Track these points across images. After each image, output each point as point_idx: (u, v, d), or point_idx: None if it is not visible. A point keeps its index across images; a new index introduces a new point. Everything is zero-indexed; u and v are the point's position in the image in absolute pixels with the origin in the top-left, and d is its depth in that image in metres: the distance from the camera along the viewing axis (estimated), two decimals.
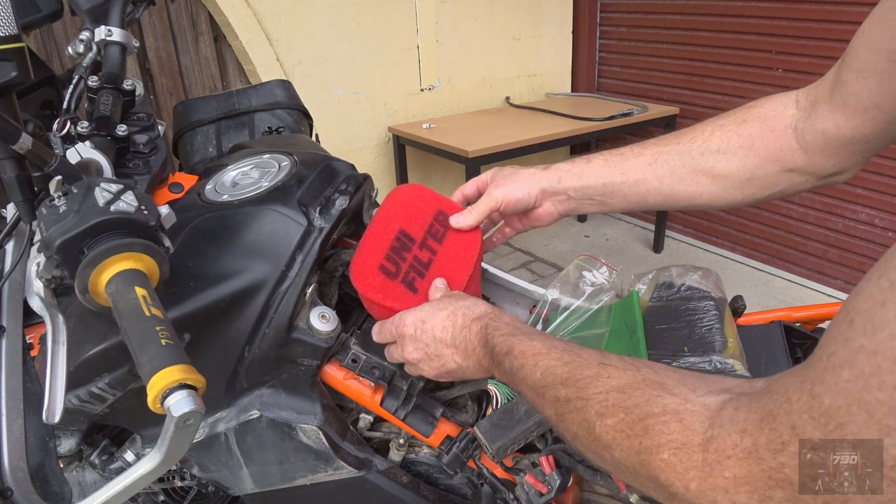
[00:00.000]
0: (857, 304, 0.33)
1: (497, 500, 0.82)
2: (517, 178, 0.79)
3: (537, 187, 0.78)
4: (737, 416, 0.38)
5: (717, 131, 0.71)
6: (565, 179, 0.77)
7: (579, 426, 0.48)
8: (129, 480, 0.50)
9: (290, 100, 1.07)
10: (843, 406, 0.31)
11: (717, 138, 0.71)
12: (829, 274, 2.94)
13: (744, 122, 0.70)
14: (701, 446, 0.39)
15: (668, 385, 0.44)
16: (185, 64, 2.60)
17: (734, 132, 0.70)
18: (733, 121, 0.71)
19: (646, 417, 0.43)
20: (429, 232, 0.77)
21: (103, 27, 0.79)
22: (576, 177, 0.77)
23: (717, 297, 0.85)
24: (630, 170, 0.75)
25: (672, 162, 0.73)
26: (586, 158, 0.77)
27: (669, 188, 0.73)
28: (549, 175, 0.78)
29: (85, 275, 0.51)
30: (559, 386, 0.51)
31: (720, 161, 0.71)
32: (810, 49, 2.67)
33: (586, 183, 0.76)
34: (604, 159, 0.77)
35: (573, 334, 0.86)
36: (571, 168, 0.77)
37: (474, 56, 3.27)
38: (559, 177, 0.77)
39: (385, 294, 0.70)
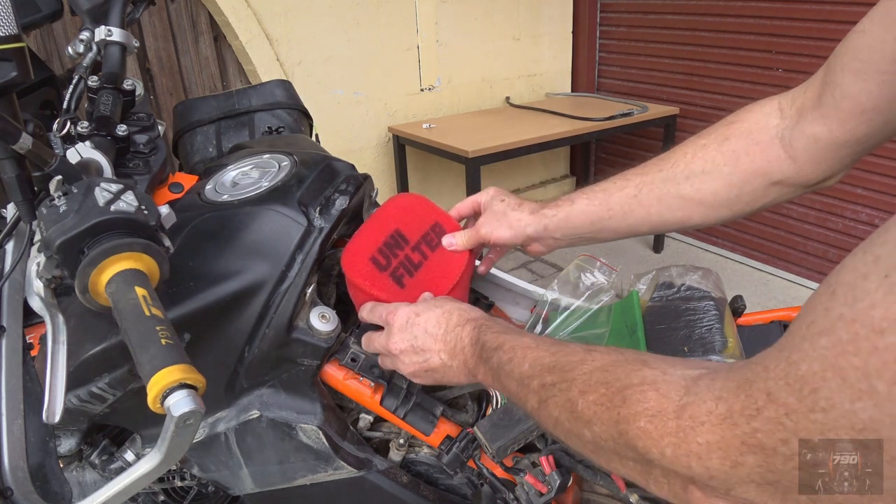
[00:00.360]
0: (840, 277, 0.33)
1: (497, 500, 0.82)
2: (504, 222, 0.79)
3: (524, 233, 0.78)
4: (713, 384, 0.39)
5: (698, 153, 0.70)
6: (551, 226, 0.77)
7: (562, 408, 0.49)
8: (129, 480, 0.50)
9: (290, 100, 1.07)
10: (818, 372, 0.32)
11: (700, 160, 0.70)
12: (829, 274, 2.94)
13: (726, 139, 0.69)
14: (675, 413, 0.39)
15: (648, 361, 0.46)
16: (185, 64, 2.60)
17: (717, 151, 0.69)
18: (714, 139, 0.70)
19: (624, 389, 0.44)
20: (423, 238, 0.79)
21: (103, 27, 0.79)
22: (561, 221, 0.76)
23: (717, 297, 0.85)
24: (616, 204, 0.74)
25: (657, 190, 0.72)
26: (570, 199, 0.77)
27: (658, 217, 0.73)
28: (535, 222, 0.77)
29: (85, 275, 0.51)
30: (545, 373, 0.52)
31: (706, 182, 0.70)
32: (810, 49, 2.67)
33: (572, 225, 0.76)
34: (587, 199, 0.76)
35: (573, 334, 0.86)
36: (556, 213, 0.77)
37: (474, 56, 3.27)
38: (545, 224, 0.77)
39: (372, 282, 0.72)
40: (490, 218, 0.80)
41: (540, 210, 0.78)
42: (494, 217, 0.80)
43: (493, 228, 0.79)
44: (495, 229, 0.79)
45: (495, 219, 0.79)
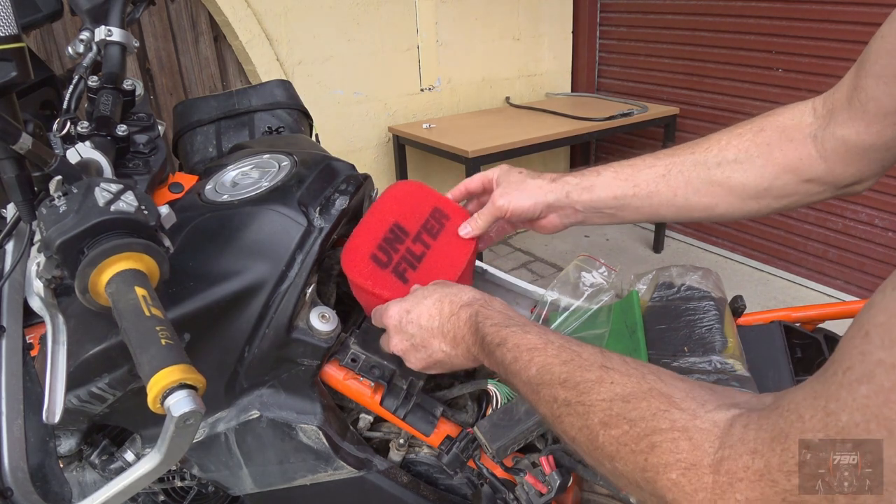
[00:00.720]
0: (871, 316, 0.32)
1: (497, 500, 0.81)
2: (524, 189, 0.76)
3: (544, 201, 0.76)
4: (746, 434, 0.37)
5: (733, 140, 0.70)
6: (573, 194, 0.75)
7: (579, 431, 0.47)
8: (129, 480, 0.50)
9: (290, 100, 1.07)
10: (861, 423, 0.30)
11: (734, 148, 0.69)
12: (829, 274, 2.94)
13: (761, 130, 0.68)
14: (711, 467, 0.37)
15: (675, 398, 0.43)
16: (185, 64, 2.60)
17: (751, 141, 0.68)
18: (750, 130, 0.69)
19: (653, 433, 0.41)
20: (424, 227, 0.78)
21: (103, 27, 0.79)
22: (585, 191, 0.74)
23: (717, 297, 0.85)
24: (642, 182, 0.72)
25: (686, 172, 0.71)
26: (596, 171, 0.75)
27: (684, 200, 0.71)
28: (556, 188, 0.75)
29: (85, 275, 0.51)
30: (557, 386, 0.50)
31: (737, 171, 0.69)
32: (810, 49, 2.67)
33: (596, 196, 0.74)
34: (614, 171, 0.74)
35: (573, 334, 0.86)
36: (580, 181, 0.75)
37: (474, 56, 3.27)
38: (567, 191, 0.75)
39: (374, 281, 0.71)
40: (507, 188, 0.77)
41: (562, 177, 0.76)
42: (512, 187, 0.77)
43: (511, 199, 0.76)
44: (514, 199, 0.76)
45: (514, 188, 0.76)
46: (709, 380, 0.71)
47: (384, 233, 0.75)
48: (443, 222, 0.79)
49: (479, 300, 0.64)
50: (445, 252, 0.77)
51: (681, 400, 0.42)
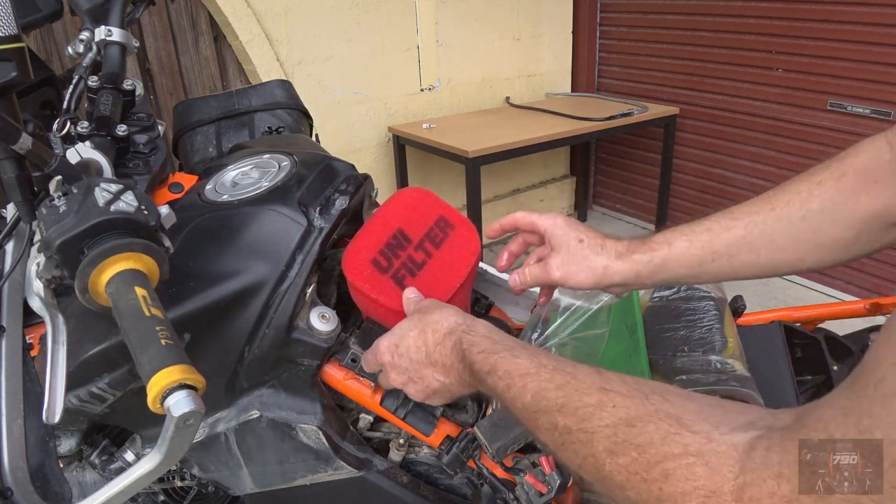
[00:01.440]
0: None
1: (497, 500, 0.81)
2: (586, 267, 0.69)
3: (608, 281, 0.69)
4: (770, 457, 0.34)
5: (815, 189, 0.64)
6: (643, 273, 0.68)
7: (584, 460, 0.44)
8: (129, 480, 0.51)
9: (290, 100, 1.07)
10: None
11: (817, 198, 0.63)
12: (829, 274, 2.94)
13: (843, 175, 0.63)
14: (733, 494, 0.35)
15: (685, 420, 0.40)
16: (185, 64, 2.60)
17: (834, 188, 0.63)
18: (830, 176, 0.64)
19: (664, 459, 0.39)
20: (427, 235, 0.77)
21: (103, 27, 0.79)
22: (657, 268, 0.68)
23: (717, 297, 0.85)
24: (721, 248, 0.66)
25: (770, 232, 0.65)
26: (665, 241, 0.68)
27: (767, 260, 0.66)
28: (624, 269, 0.68)
29: (85, 275, 0.51)
30: (555, 413, 0.47)
31: (824, 223, 0.63)
32: (810, 49, 2.67)
33: (669, 271, 0.68)
34: (687, 240, 0.67)
35: (573, 335, 0.86)
36: (651, 258, 0.68)
37: (474, 56, 3.27)
38: (636, 271, 0.68)
39: (372, 286, 0.71)
40: (566, 259, 0.70)
41: (629, 255, 0.68)
42: (572, 260, 0.70)
43: (570, 273, 0.70)
44: (574, 274, 0.70)
45: (574, 262, 0.70)
46: (709, 380, 0.71)
47: (387, 238, 0.75)
48: (447, 232, 0.79)
49: (461, 326, 0.61)
50: (447, 262, 0.76)
51: (692, 422, 0.40)
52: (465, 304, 0.82)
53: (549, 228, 0.73)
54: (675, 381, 0.72)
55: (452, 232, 0.79)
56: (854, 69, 2.54)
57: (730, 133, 3.10)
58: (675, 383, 0.72)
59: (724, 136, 3.13)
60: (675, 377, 0.73)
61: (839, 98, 2.62)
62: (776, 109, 2.86)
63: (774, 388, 0.76)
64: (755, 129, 2.98)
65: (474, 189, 2.65)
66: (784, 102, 2.83)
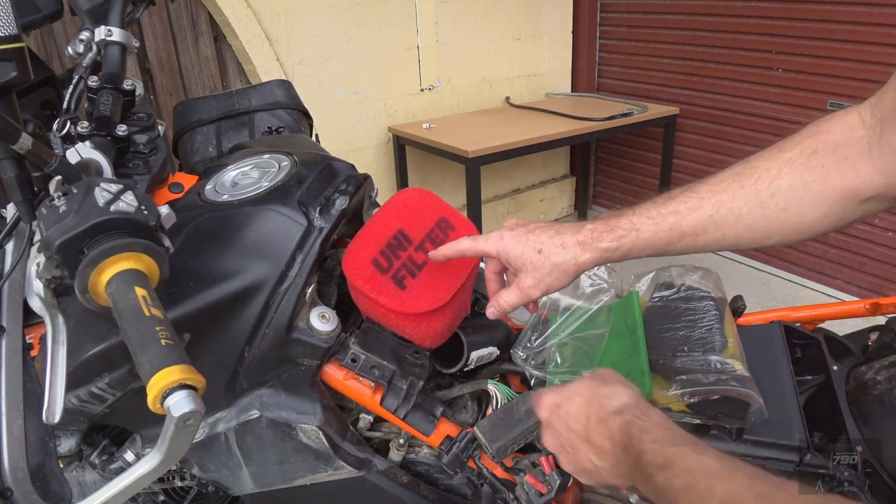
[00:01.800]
0: None
1: (497, 500, 0.81)
2: (556, 272, 0.67)
3: (580, 272, 0.68)
4: None
5: (784, 167, 0.62)
6: (613, 258, 0.67)
7: None
8: (129, 480, 0.51)
9: (290, 100, 1.07)
10: None
11: (787, 175, 0.62)
12: (829, 274, 2.94)
13: (813, 152, 0.61)
14: None
15: None
16: (185, 64, 2.60)
17: (804, 166, 0.61)
18: (801, 153, 0.62)
19: None
20: (428, 236, 0.77)
21: (103, 27, 0.79)
22: (624, 254, 0.67)
23: (717, 297, 0.85)
24: (688, 228, 0.65)
25: (737, 209, 0.63)
26: (634, 226, 0.66)
27: (734, 237, 0.65)
28: (594, 258, 0.66)
29: (85, 275, 0.51)
30: None
31: (792, 201, 0.62)
32: (810, 49, 2.67)
33: (638, 254, 0.67)
34: (654, 224, 0.66)
35: (573, 335, 0.86)
36: (619, 245, 0.66)
37: (474, 56, 3.27)
38: (605, 257, 0.67)
39: (372, 286, 0.71)
40: (536, 275, 0.67)
41: (595, 244, 0.66)
42: (541, 272, 0.67)
43: (546, 284, 0.67)
44: (551, 284, 0.67)
45: (544, 273, 0.67)
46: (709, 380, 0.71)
47: (388, 238, 0.75)
48: (448, 233, 0.79)
49: (633, 407, 0.56)
50: (447, 264, 0.76)
51: None
52: (465, 304, 0.82)
53: (502, 252, 0.69)
54: (675, 380, 0.72)
55: (453, 233, 0.79)
56: (854, 69, 2.54)
57: (730, 133, 3.10)
58: (674, 383, 0.72)
59: (724, 136, 3.13)
60: (675, 377, 0.73)
61: (839, 98, 2.62)
62: (776, 109, 2.86)
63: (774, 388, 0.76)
64: (755, 129, 2.98)
65: (474, 189, 2.65)
66: (784, 102, 2.82)
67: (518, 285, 0.69)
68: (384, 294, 0.71)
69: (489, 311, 0.72)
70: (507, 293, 0.70)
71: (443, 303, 0.73)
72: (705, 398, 0.70)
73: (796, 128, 0.65)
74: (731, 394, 0.69)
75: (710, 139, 3.20)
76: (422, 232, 0.77)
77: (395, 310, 0.72)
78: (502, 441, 0.74)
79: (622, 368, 0.78)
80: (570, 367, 0.81)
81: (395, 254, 0.74)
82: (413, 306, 0.72)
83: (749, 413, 0.70)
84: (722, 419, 0.71)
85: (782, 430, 0.72)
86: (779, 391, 0.76)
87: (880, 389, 0.73)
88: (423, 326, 0.76)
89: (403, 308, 0.72)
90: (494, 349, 0.85)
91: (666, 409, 0.72)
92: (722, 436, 0.74)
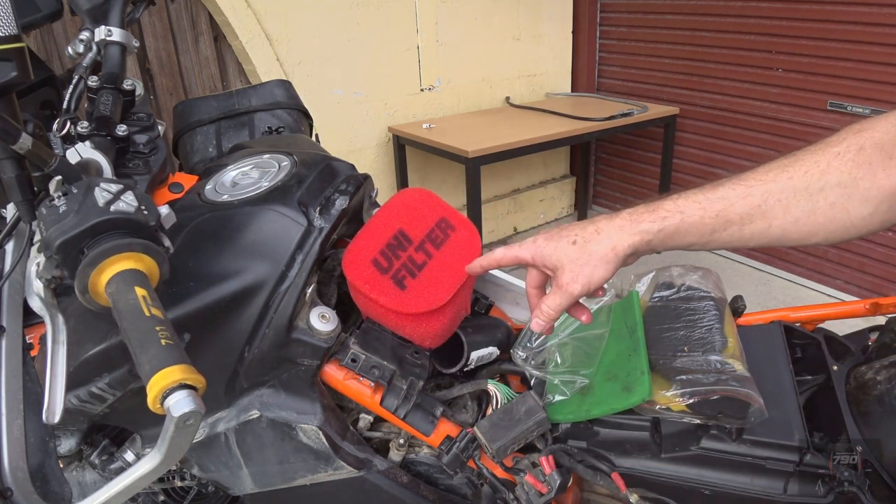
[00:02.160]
0: None
1: (497, 500, 0.82)
2: (595, 261, 0.65)
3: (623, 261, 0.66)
4: None
5: (833, 161, 0.62)
6: (655, 242, 0.65)
7: None
8: (129, 480, 0.50)
9: (290, 100, 1.07)
10: None
11: (836, 170, 0.61)
12: (829, 274, 2.94)
13: (861, 150, 0.61)
14: None
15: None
16: (185, 64, 2.60)
17: (853, 162, 0.61)
18: (848, 148, 0.62)
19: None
20: (428, 236, 0.77)
21: (103, 27, 0.79)
22: (668, 237, 0.65)
23: (717, 297, 0.85)
24: (735, 216, 0.64)
25: (786, 201, 0.63)
26: (679, 209, 0.65)
27: (780, 230, 0.64)
28: (634, 241, 0.65)
29: (85, 275, 0.51)
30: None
31: (841, 196, 0.61)
32: (810, 49, 2.67)
33: (681, 239, 0.65)
34: (702, 209, 0.64)
35: (573, 335, 0.86)
36: (663, 227, 0.64)
37: (474, 56, 3.27)
38: (648, 241, 0.65)
39: (372, 286, 0.71)
40: (574, 268, 0.65)
41: (635, 225, 0.65)
42: (579, 264, 0.65)
43: (587, 277, 0.65)
44: (591, 275, 0.65)
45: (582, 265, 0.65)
46: (709, 380, 0.71)
47: (388, 238, 0.75)
48: (448, 233, 0.79)
49: None
50: (447, 263, 0.76)
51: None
52: (465, 304, 0.82)
53: (537, 254, 0.68)
54: (675, 381, 0.72)
55: (453, 233, 0.79)
56: (854, 69, 2.54)
57: (730, 133, 3.10)
58: (674, 383, 0.72)
59: (724, 136, 3.13)
60: (675, 377, 0.73)
61: (839, 98, 2.62)
62: (776, 109, 2.86)
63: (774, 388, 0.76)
64: (755, 129, 2.98)
65: (474, 189, 2.65)
66: (784, 102, 2.82)
67: (556, 284, 0.66)
68: (384, 294, 0.72)
69: (534, 325, 0.69)
70: (547, 298, 0.67)
71: (443, 303, 0.73)
72: (705, 398, 0.70)
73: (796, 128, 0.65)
74: (731, 394, 0.69)
75: (710, 139, 3.20)
76: (422, 232, 0.78)
77: (395, 310, 0.72)
78: (502, 441, 0.74)
79: (622, 368, 0.78)
80: (570, 367, 0.81)
81: (395, 254, 0.74)
82: (413, 306, 0.72)
83: (749, 413, 0.70)
84: (722, 419, 0.71)
85: (782, 430, 0.72)
86: (779, 391, 0.76)
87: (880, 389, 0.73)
88: (423, 326, 0.76)
89: (403, 308, 0.72)
90: (494, 349, 0.85)
91: (666, 409, 0.72)
92: (722, 436, 0.74)
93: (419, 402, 0.78)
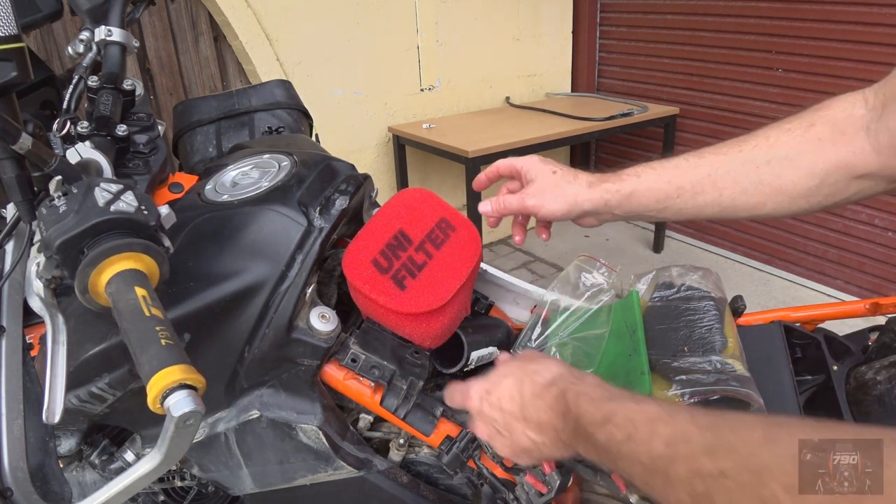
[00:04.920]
0: None
1: (497, 500, 0.81)
2: (559, 195, 0.72)
3: (579, 209, 0.73)
4: None
5: (782, 136, 0.66)
6: (612, 201, 0.71)
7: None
8: (129, 480, 0.51)
9: (290, 100, 1.07)
10: None
11: (784, 144, 0.66)
12: (828, 274, 2.94)
13: (812, 125, 0.65)
14: None
15: None
16: (185, 64, 2.60)
17: (801, 137, 0.65)
18: (799, 125, 0.66)
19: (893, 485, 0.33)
20: (428, 236, 0.77)
21: (103, 27, 0.79)
22: (624, 198, 0.71)
23: (717, 297, 0.85)
24: (687, 183, 0.69)
25: (734, 171, 0.68)
26: (636, 173, 0.71)
27: (730, 200, 0.68)
28: (594, 196, 0.71)
29: (85, 275, 0.51)
30: (700, 457, 0.40)
31: (787, 168, 0.65)
32: (810, 49, 2.67)
33: (636, 203, 0.71)
34: (656, 174, 0.71)
35: (573, 334, 0.86)
36: (620, 187, 0.71)
37: (474, 56, 3.27)
38: (606, 199, 0.71)
39: (372, 286, 0.71)
40: (539, 189, 0.74)
41: (599, 184, 0.72)
42: (546, 188, 0.73)
43: (543, 201, 0.73)
44: (546, 202, 0.73)
45: (547, 190, 0.73)
46: (709, 380, 0.71)
47: (388, 239, 0.75)
48: (448, 233, 0.79)
49: (566, 377, 0.57)
50: (447, 263, 0.76)
51: None
52: (465, 305, 0.82)
53: (525, 164, 0.77)
54: (675, 380, 0.72)
55: (453, 233, 0.79)
56: (854, 69, 2.54)
57: (730, 133, 3.07)
58: (674, 383, 0.72)
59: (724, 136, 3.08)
60: (675, 377, 0.73)
61: None
62: (776, 109, 2.86)
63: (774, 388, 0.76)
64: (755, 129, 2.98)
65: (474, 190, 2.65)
66: (784, 102, 2.82)
67: (522, 192, 0.75)
68: (384, 294, 0.72)
69: (481, 206, 0.78)
70: (508, 196, 0.77)
71: (443, 303, 0.73)
72: (705, 398, 0.70)
73: None
74: (731, 394, 0.69)
75: (710, 139, 3.17)
76: (422, 232, 0.77)
77: (395, 310, 0.72)
78: None
79: (622, 368, 0.78)
80: None
81: (395, 254, 0.74)
82: (413, 306, 0.72)
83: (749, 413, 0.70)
84: None
85: None
86: (779, 391, 0.76)
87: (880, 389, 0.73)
88: (423, 326, 0.76)
89: (403, 308, 0.72)
90: (494, 349, 0.85)
91: None
92: None
93: (419, 402, 0.78)
